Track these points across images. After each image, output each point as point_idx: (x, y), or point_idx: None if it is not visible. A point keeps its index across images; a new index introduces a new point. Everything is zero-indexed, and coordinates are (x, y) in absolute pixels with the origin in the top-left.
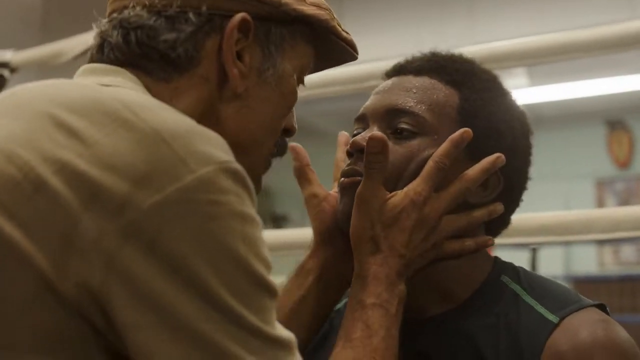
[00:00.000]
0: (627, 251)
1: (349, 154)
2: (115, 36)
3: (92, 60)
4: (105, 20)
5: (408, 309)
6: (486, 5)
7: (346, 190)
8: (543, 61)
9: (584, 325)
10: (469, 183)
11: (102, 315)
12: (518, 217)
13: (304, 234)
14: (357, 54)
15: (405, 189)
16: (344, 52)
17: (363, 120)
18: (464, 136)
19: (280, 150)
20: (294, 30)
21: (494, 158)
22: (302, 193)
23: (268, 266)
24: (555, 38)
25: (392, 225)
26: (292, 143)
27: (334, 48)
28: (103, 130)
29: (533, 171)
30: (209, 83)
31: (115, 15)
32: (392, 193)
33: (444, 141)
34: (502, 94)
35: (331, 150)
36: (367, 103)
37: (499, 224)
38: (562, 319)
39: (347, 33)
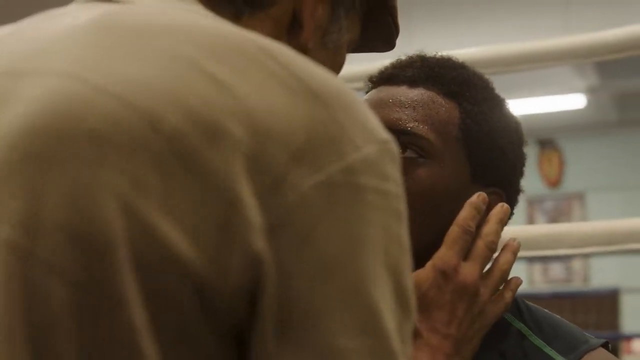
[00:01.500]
0: (556, 269)
1: None
2: None
3: None
4: None
5: None
6: (424, 21)
7: None
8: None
9: None
10: (492, 237)
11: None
12: None
13: None
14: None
15: (431, 260)
16: (386, 37)
17: None
18: (481, 199)
19: None
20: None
21: (500, 209)
22: None
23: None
24: (487, 51)
25: (427, 305)
26: None
27: (378, 31)
28: (251, 82)
29: None
30: (280, 28)
31: None
32: (418, 270)
33: (449, 168)
34: (498, 103)
35: None
36: None
37: None
38: None
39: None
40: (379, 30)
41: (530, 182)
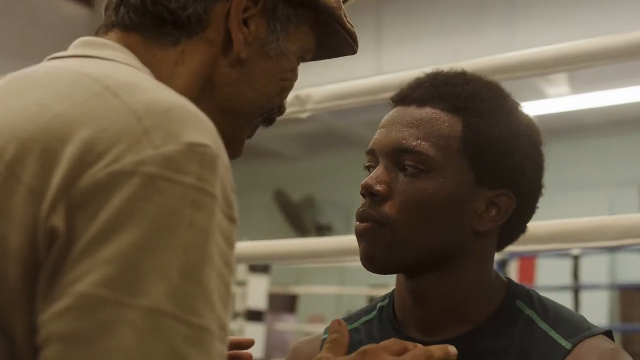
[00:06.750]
0: None
1: (363, 195)
2: None
3: (106, 20)
4: None
5: (423, 330)
6: (526, 13)
7: (361, 236)
8: (583, 66)
9: (595, 352)
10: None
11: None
12: (559, 223)
13: (347, 241)
14: (357, 47)
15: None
16: (345, 43)
17: (373, 154)
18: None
19: (267, 121)
20: (300, 13)
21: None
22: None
23: (212, 261)
24: (595, 43)
25: None
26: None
27: (335, 38)
28: (84, 110)
29: (576, 179)
30: (215, 47)
31: None
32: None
33: (451, 178)
34: (507, 112)
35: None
36: (376, 137)
37: (516, 232)
38: (574, 345)
39: (352, 25)
40: (332, 39)
41: None
